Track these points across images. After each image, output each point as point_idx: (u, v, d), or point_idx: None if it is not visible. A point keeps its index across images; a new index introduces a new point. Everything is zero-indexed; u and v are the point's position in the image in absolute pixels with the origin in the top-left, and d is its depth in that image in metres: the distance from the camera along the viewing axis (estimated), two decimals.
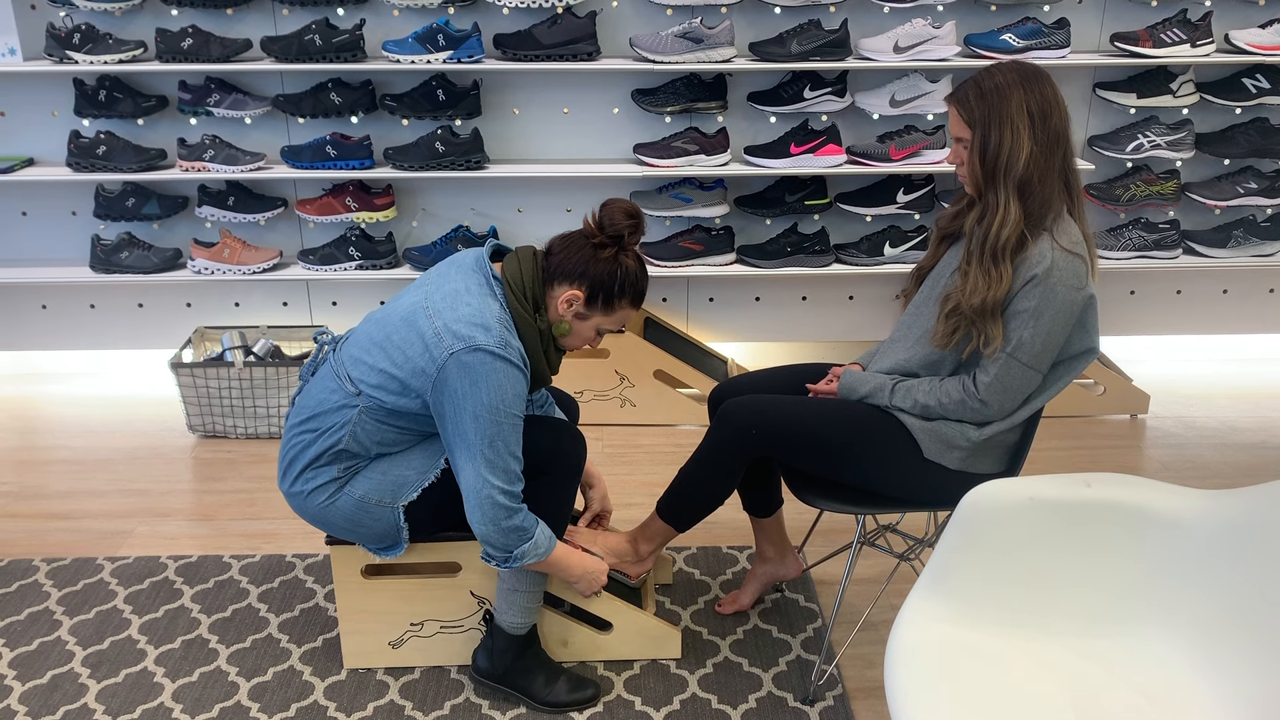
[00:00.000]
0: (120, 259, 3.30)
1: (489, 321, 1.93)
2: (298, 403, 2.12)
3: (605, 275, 1.99)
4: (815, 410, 2.13)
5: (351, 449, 2.04)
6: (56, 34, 3.07)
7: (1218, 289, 3.73)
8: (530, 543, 2.01)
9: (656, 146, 3.28)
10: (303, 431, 2.06)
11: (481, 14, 3.21)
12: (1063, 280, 1.92)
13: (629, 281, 2.01)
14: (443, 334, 1.92)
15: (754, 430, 2.10)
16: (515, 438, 1.96)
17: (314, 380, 2.11)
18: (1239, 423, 3.47)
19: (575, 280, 2.00)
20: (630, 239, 2.00)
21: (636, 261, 2.03)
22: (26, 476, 3.11)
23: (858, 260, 3.39)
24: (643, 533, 2.30)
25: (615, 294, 2.01)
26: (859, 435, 2.09)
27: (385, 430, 2.03)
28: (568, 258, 2.00)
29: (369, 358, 2.00)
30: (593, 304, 2.02)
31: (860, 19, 3.25)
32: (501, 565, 2.03)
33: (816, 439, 2.09)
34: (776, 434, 2.10)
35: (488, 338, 1.90)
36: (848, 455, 2.10)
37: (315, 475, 2.05)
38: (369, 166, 3.25)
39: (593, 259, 1.99)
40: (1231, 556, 1.68)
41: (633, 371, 3.35)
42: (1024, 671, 1.70)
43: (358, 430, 2.02)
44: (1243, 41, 3.23)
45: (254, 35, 3.19)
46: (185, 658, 2.34)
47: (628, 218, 1.98)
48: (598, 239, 1.99)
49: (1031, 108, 1.91)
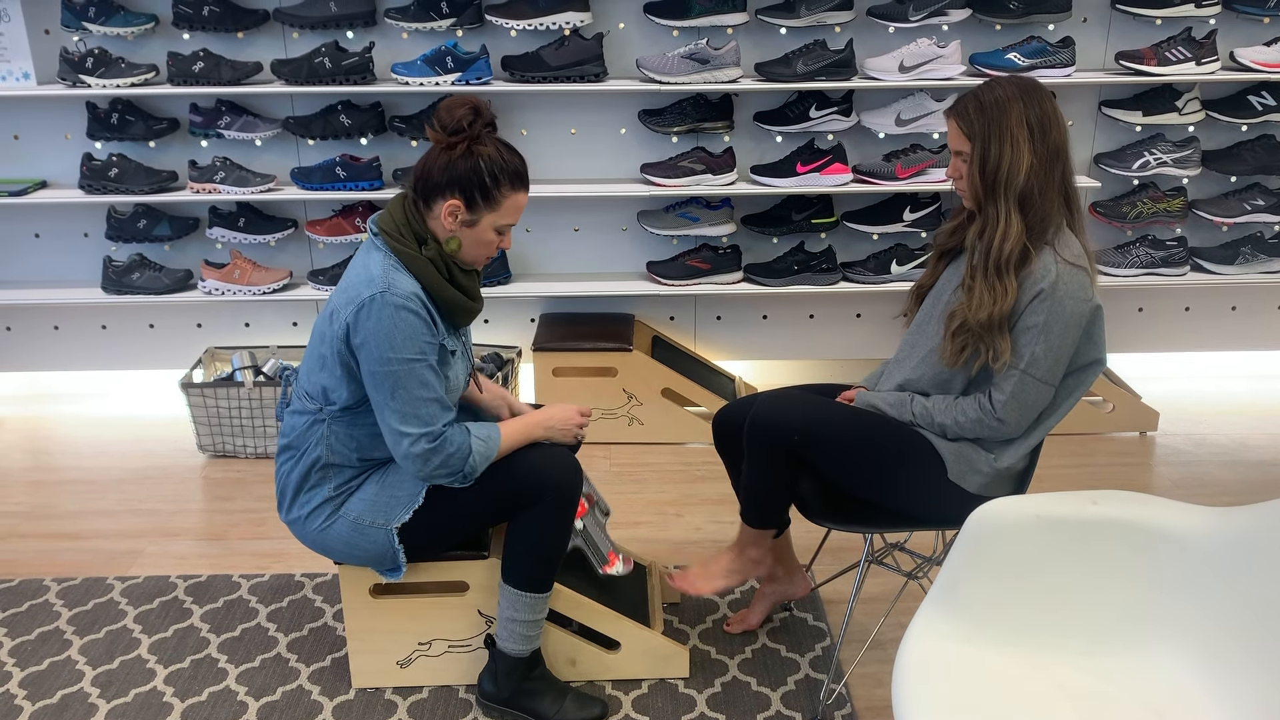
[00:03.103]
0: (131, 280, 3.32)
1: (372, 275, 1.93)
2: (280, 438, 2.16)
3: (469, 171, 1.92)
4: (851, 418, 2.12)
5: (333, 460, 2.07)
6: (70, 58, 3.11)
7: (1226, 306, 3.73)
8: (471, 456, 2.00)
9: (663, 166, 3.30)
10: (287, 460, 2.11)
11: (489, 36, 3.24)
12: (1069, 293, 1.92)
13: (497, 167, 1.94)
14: (337, 312, 1.96)
15: (796, 437, 2.07)
16: (418, 379, 1.94)
17: (288, 412, 2.16)
18: (1249, 439, 3.46)
19: (445, 191, 1.94)
20: (474, 127, 1.93)
21: (495, 145, 1.95)
22: (38, 496, 3.13)
23: (865, 278, 3.40)
24: (745, 541, 2.29)
25: (490, 185, 1.94)
26: (888, 448, 2.07)
27: (356, 432, 2.05)
28: (429, 173, 1.95)
29: (309, 366, 2.06)
30: (473, 206, 1.95)
31: (865, 39, 3.27)
32: (462, 484, 2.02)
33: (850, 449, 2.08)
34: (816, 442, 2.08)
35: (369, 289, 1.91)
36: (878, 461, 2.08)
37: (309, 498, 2.08)
38: (378, 187, 3.27)
39: (450, 162, 1.93)
40: (1241, 573, 1.68)
41: (640, 390, 3.36)
42: (1032, 689, 1.69)
43: (332, 440, 2.05)
44: (1248, 59, 3.24)
45: (264, 58, 3.23)
46: (195, 677, 2.34)
47: (462, 106, 1.92)
48: (445, 141, 1.94)
49: (1031, 121, 1.92)
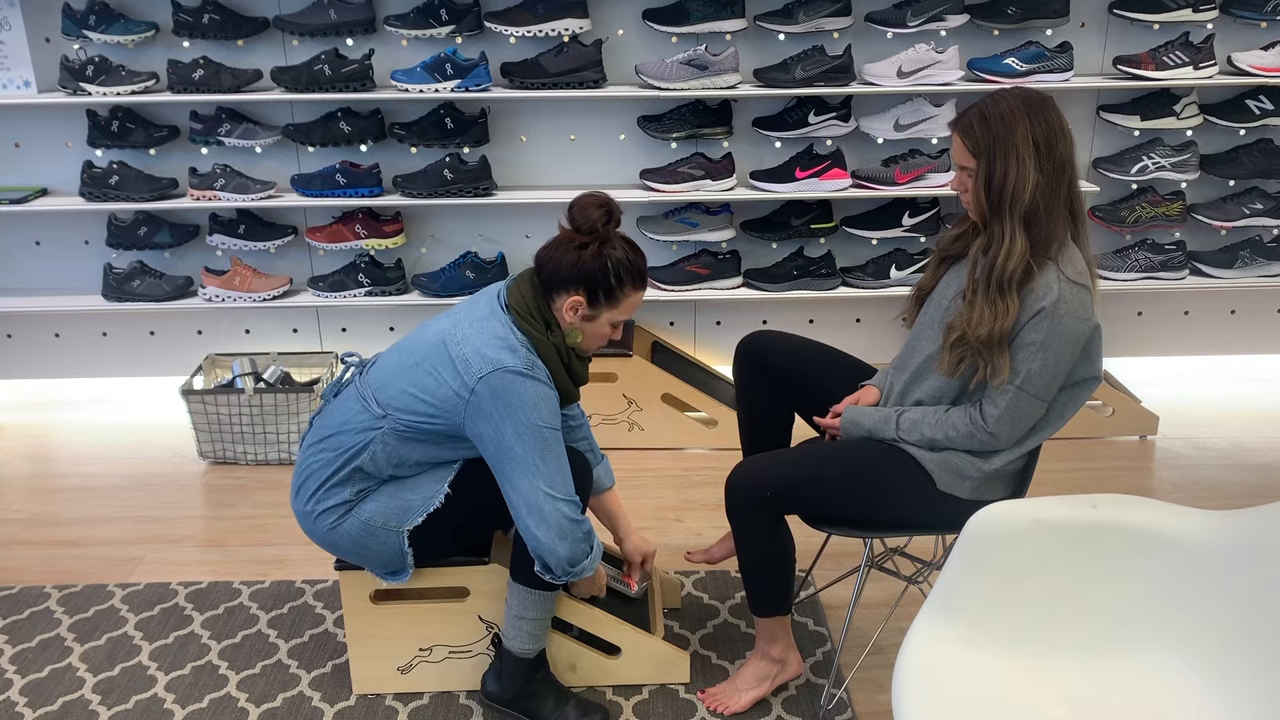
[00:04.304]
0: (132, 287, 3.33)
1: (514, 344, 1.96)
2: (317, 422, 2.13)
3: (597, 271, 1.98)
4: (824, 459, 2.11)
5: (368, 469, 2.05)
6: (70, 66, 3.12)
7: (1225, 309, 3.73)
8: (591, 555, 2.02)
9: (663, 172, 3.30)
10: (321, 450, 2.07)
11: (489, 43, 3.25)
12: (1070, 312, 1.91)
13: (622, 269, 1.99)
14: (471, 359, 1.94)
15: (768, 493, 2.06)
16: (561, 450, 1.98)
17: (336, 402, 2.13)
18: (1249, 443, 3.46)
19: (571, 286, 1.99)
20: (606, 228, 1.98)
21: (623, 246, 2.00)
22: (38, 504, 3.13)
23: (864, 283, 3.40)
24: (764, 641, 2.24)
25: (613, 285, 1.99)
26: (872, 477, 2.07)
27: (406, 453, 2.04)
28: (557, 267, 1.99)
29: (399, 381, 2.02)
30: (595, 302, 2.01)
31: (864, 44, 3.28)
32: (558, 579, 2.03)
33: (833, 489, 2.07)
34: (790, 493, 2.07)
35: (515, 360, 1.93)
36: (864, 498, 2.07)
37: (328, 496, 2.06)
38: (378, 194, 3.28)
39: (579, 260, 1.97)
40: (1241, 577, 1.67)
41: (640, 395, 3.36)
42: (1033, 694, 1.69)
43: (377, 451, 2.03)
44: (1245, 64, 3.25)
45: (264, 66, 3.23)
46: (195, 684, 2.34)
47: (598, 208, 1.97)
48: (576, 240, 1.98)
49: (1037, 137, 1.89)
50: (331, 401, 2.15)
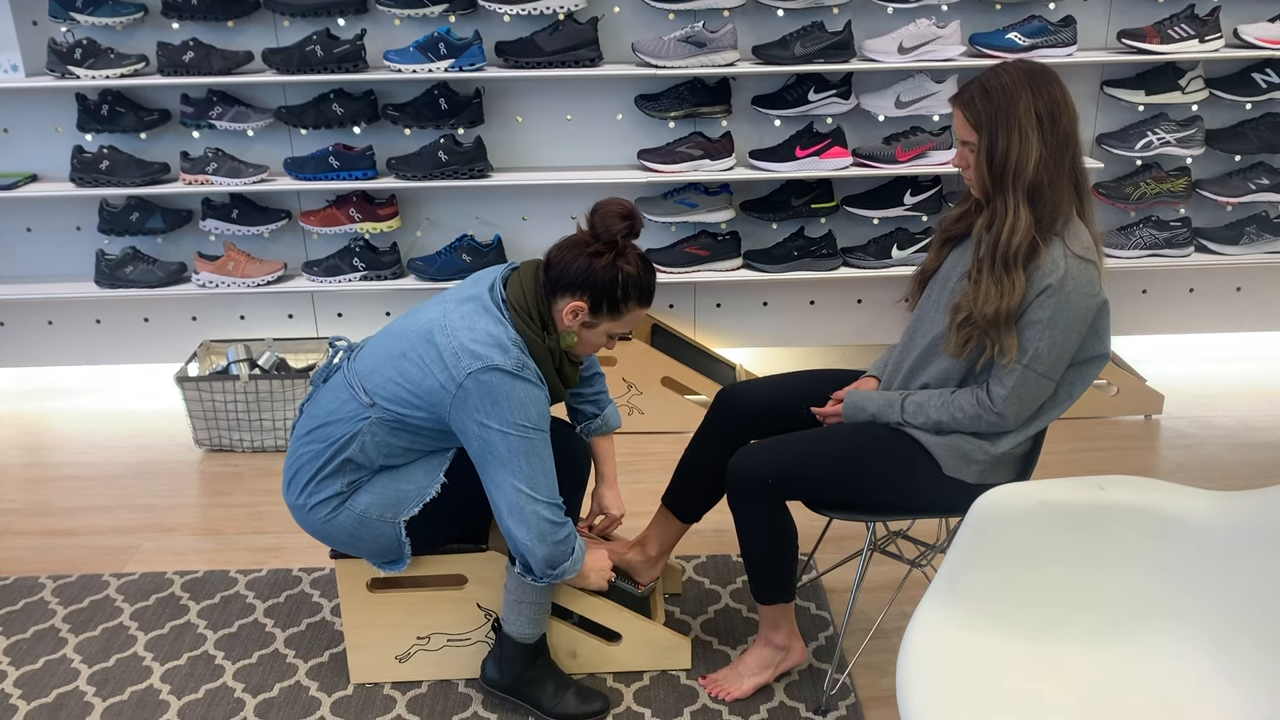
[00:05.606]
0: (125, 274, 3.29)
1: (505, 342, 1.91)
2: (306, 411, 2.10)
3: (606, 282, 1.94)
4: (826, 444, 2.08)
5: (358, 460, 2.02)
6: (58, 49, 3.07)
7: (1231, 286, 3.69)
8: (572, 558, 2.00)
9: (661, 152, 3.26)
10: (310, 441, 2.04)
11: (483, 22, 3.20)
12: (1077, 289, 1.87)
13: (631, 284, 1.96)
14: (460, 353, 1.90)
15: (770, 480, 2.02)
16: (547, 453, 1.94)
17: (325, 389, 2.09)
18: (1255, 421, 3.43)
19: (577, 291, 1.95)
20: (625, 241, 1.95)
21: (637, 262, 1.97)
22: (33, 493, 3.10)
23: (865, 263, 3.36)
24: (767, 628, 2.20)
25: (620, 299, 1.96)
26: (876, 462, 2.03)
27: (395, 442, 2.01)
28: (566, 269, 1.95)
29: (386, 370, 1.98)
30: (598, 312, 1.98)
31: (864, 20, 3.23)
32: (539, 581, 2.01)
33: (836, 475, 2.04)
34: (792, 479, 2.04)
35: (505, 358, 1.89)
36: (869, 483, 2.04)
37: (320, 489, 2.03)
38: (372, 177, 3.24)
39: (590, 267, 1.94)
40: (1248, 557, 1.65)
41: (640, 379, 3.33)
42: (1039, 677, 1.67)
43: (366, 441, 2.00)
44: (1252, 36, 3.20)
45: (255, 47, 3.19)
46: (191, 674, 2.32)
47: (621, 220, 1.93)
48: (593, 246, 1.94)
49: (1040, 110, 1.85)
50: (320, 388, 2.11)
